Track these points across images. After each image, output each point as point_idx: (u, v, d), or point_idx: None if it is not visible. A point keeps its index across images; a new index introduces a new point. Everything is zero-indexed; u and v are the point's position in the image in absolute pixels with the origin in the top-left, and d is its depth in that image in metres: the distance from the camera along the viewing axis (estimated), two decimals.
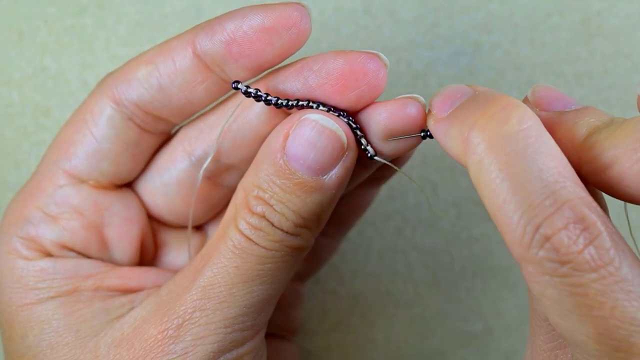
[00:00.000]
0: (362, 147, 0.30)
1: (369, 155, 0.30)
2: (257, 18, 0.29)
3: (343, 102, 0.29)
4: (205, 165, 0.32)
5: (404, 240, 0.44)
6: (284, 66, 0.31)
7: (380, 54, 0.29)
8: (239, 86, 0.29)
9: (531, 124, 0.24)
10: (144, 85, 0.31)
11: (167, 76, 0.31)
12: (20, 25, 0.43)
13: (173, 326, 0.29)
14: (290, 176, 0.29)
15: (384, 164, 0.31)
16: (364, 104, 0.29)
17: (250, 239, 0.29)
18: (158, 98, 0.31)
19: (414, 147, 0.30)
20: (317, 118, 0.29)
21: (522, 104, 0.25)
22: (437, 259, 0.44)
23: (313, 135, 0.29)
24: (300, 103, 0.29)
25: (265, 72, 0.31)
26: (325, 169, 0.29)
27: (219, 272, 0.29)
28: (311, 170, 0.29)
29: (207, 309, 0.29)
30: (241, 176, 0.33)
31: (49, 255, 0.32)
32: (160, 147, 0.34)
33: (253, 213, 0.29)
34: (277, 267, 0.29)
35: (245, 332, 0.30)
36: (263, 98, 0.29)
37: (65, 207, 0.32)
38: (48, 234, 0.32)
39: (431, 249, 0.44)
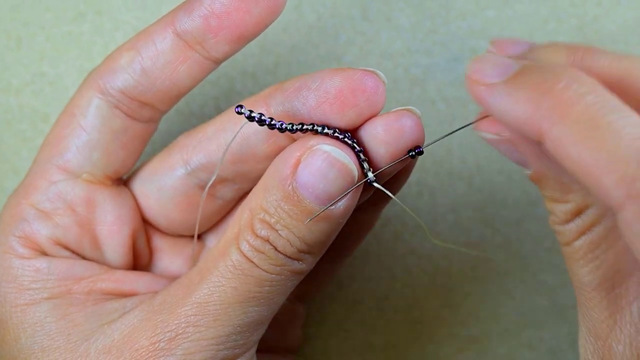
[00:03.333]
0: (364, 171, 0.30)
1: (368, 181, 0.30)
2: None
3: (343, 119, 0.29)
4: (209, 184, 0.32)
5: (402, 245, 0.44)
6: (283, 85, 0.31)
7: (378, 72, 0.29)
8: (242, 111, 0.29)
9: (600, 87, 0.24)
10: (127, 71, 0.32)
11: (149, 59, 0.31)
12: (18, 32, 0.43)
13: (165, 339, 0.29)
14: (299, 203, 0.29)
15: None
16: (363, 122, 0.30)
17: (251, 261, 0.29)
18: (142, 82, 0.32)
19: (405, 164, 0.31)
20: (330, 150, 0.29)
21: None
22: (435, 263, 0.44)
23: (324, 167, 0.29)
24: (305, 127, 0.29)
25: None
26: (333, 200, 0.29)
27: (216, 291, 0.29)
28: (319, 199, 0.29)
29: (200, 326, 0.29)
30: (237, 190, 0.34)
31: (44, 253, 0.32)
32: (148, 137, 0.34)
33: (257, 236, 0.29)
34: (275, 290, 0.30)
35: (237, 350, 0.30)
36: (267, 122, 0.29)
37: (58, 202, 0.32)
38: (42, 230, 0.32)
39: (429, 254, 0.44)
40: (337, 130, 0.29)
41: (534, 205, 0.44)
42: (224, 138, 0.32)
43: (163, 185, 0.33)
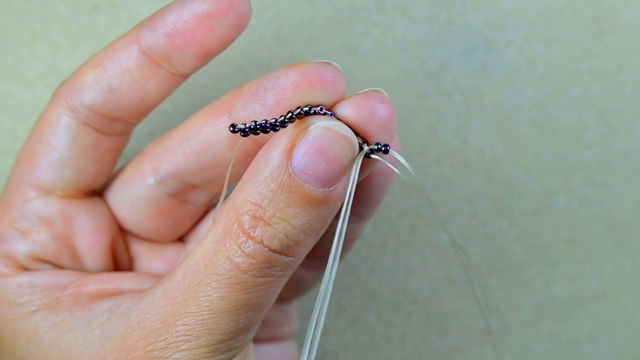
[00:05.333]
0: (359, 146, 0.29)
1: (366, 154, 0.29)
2: (196, 6, 0.30)
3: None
4: (217, 210, 0.32)
5: (419, 237, 0.44)
6: (241, 91, 0.30)
7: (333, 62, 0.29)
8: (237, 128, 0.29)
9: None
10: (94, 89, 0.31)
11: (115, 77, 0.31)
12: (33, 25, 0.43)
13: (158, 347, 0.29)
14: (297, 189, 0.28)
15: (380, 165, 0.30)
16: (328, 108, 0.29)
17: (241, 268, 0.28)
18: (110, 99, 0.32)
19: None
20: (330, 125, 0.28)
21: None
22: (453, 255, 0.44)
23: (326, 144, 0.28)
24: (296, 113, 0.28)
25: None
26: (333, 180, 0.28)
27: (203, 302, 0.29)
28: (319, 181, 0.28)
29: (190, 335, 0.29)
30: (207, 194, 0.34)
31: (25, 269, 0.32)
32: (121, 149, 0.34)
33: (249, 236, 0.28)
34: (264, 294, 0.29)
35: (232, 351, 0.30)
36: (261, 127, 0.28)
37: (34, 220, 0.32)
38: (20, 248, 0.32)
39: (446, 246, 0.44)
40: (322, 107, 0.28)
41: (551, 196, 0.44)
42: (189, 147, 0.32)
43: (134, 195, 0.33)
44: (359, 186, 0.30)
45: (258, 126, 0.28)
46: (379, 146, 0.29)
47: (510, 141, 0.44)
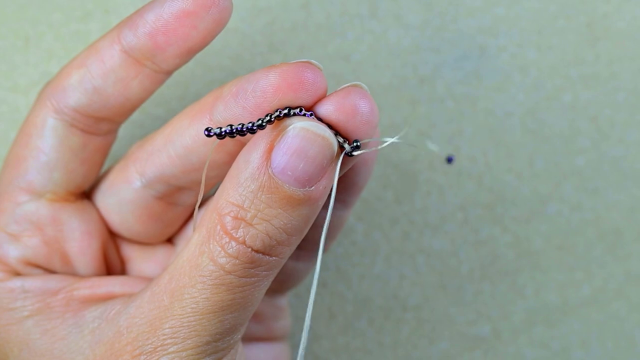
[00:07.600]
0: (339, 145, 0.29)
1: (347, 153, 0.29)
2: (177, 4, 0.29)
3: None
4: (196, 217, 0.32)
5: (411, 244, 0.44)
6: (222, 92, 0.30)
7: (313, 61, 0.29)
8: (212, 132, 0.28)
9: None
10: (79, 90, 0.32)
11: (99, 77, 0.31)
12: (26, 31, 0.43)
13: (145, 351, 0.29)
14: (277, 190, 0.28)
15: (361, 156, 0.30)
16: (309, 107, 0.29)
17: (225, 269, 0.28)
18: (95, 100, 0.32)
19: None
20: (307, 125, 0.28)
21: None
22: (445, 262, 0.44)
23: (304, 145, 0.28)
24: (273, 117, 0.28)
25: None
26: (313, 180, 0.28)
27: (188, 304, 0.29)
28: (299, 182, 0.28)
29: (177, 338, 0.29)
30: (194, 195, 0.34)
31: (16, 274, 0.32)
32: (109, 148, 0.34)
33: (232, 237, 0.28)
34: (249, 294, 0.29)
35: (220, 353, 0.30)
36: (237, 130, 0.28)
37: (25, 224, 0.32)
38: (12, 252, 0.32)
39: (438, 252, 0.44)
40: (302, 108, 0.28)
41: (543, 203, 0.44)
42: (173, 150, 0.32)
43: (122, 199, 0.33)
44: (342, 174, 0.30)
45: (234, 130, 0.28)
46: (357, 144, 0.29)
47: (503, 148, 0.44)
